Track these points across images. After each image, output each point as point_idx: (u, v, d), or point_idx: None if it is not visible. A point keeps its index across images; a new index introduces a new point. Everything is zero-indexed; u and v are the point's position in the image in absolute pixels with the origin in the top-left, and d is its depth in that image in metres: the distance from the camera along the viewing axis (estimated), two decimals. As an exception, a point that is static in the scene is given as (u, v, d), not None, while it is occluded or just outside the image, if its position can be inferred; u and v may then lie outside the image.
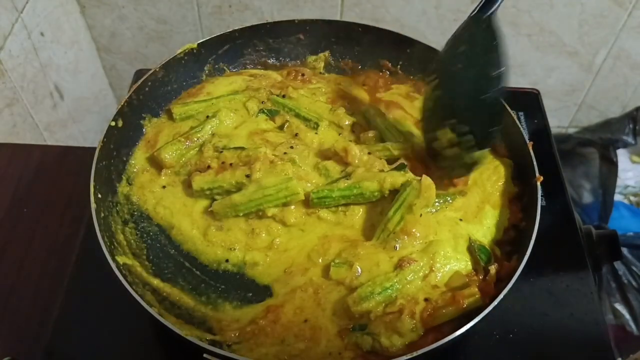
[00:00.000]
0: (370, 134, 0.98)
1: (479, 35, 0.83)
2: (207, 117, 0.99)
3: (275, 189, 0.86)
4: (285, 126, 1.00)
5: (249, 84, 1.08)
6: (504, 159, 0.96)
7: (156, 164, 0.95)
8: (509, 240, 0.88)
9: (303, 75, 1.11)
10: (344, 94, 1.08)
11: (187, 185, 0.92)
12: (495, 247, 0.86)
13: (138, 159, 0.97)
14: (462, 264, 0.83)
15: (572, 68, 1.74)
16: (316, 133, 0.98)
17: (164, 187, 0.93)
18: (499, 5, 0.83)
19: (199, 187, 0.89)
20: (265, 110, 1.02)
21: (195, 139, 0.96)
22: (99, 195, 0.84)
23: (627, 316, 1.58)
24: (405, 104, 1.06)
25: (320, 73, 1.14)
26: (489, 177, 0.93)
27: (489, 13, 0.83)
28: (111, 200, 0.89)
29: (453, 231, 0.86)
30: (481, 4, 0.84)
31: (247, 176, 0.87)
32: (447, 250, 0.83)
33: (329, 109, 1.04)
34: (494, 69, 0.80)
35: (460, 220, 0.88)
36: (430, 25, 1.62)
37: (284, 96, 1.04)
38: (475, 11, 0.84)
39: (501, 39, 0.80)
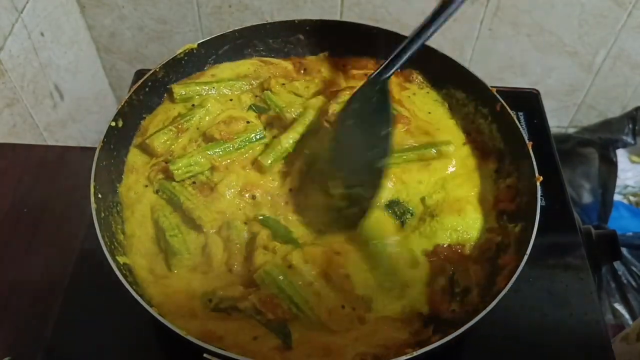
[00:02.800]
0: None
1: (373, 95, 0.92)
2: (193, 105, 1.00)
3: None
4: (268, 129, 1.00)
5: (256, 69, 1.08)
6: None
7: (147, 151, 0.96)
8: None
9: (305, 69, 1.11)
10: (331, 83, 1.08)
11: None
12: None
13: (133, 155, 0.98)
14: None
15: (572, 68, 1.75)
16: None
17: (146, 185, 0.93)
18: (394, 72, 0.94)
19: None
20: (254, 107, 1.02)
21: (185, 129, 0.97)
22: (99, 195, 0.84)
23: (627, 316, 1.58)
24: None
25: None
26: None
27: (385, 76, 0.92)
28: (111, 200, 0.89)
29: None
30: (380, 68, 0.93)
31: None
32: None
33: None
34: (383, 128, 0.87)
35: None
36: (430, 25, 1.62)
37: (270, 90, 1.04)
38: (374, 74, 0.93)
39: (391, 101, 0.92)
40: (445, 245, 0.86)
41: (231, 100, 1.03)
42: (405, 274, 0.84)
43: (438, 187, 0.93)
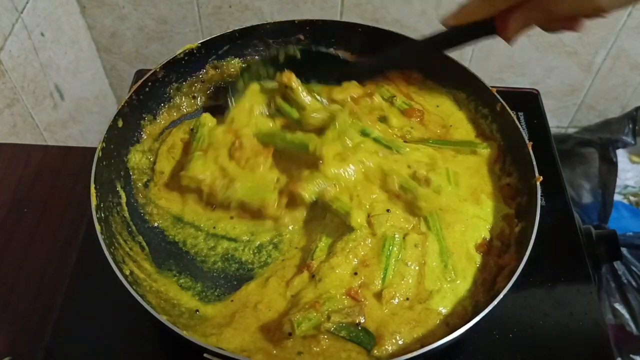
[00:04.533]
0: None
1: None
2: (192, 129, 0.99)
3: None
4: None
5: None
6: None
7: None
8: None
9: None
10: None
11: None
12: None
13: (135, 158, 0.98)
14: None
15: (572, 68, 1.75)
16: None
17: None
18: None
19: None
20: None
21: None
22: (99, 195, 0.84)
23: (627, 316, 1.58)
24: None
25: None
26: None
27: None
28: (111, 201, 0.89)
29: None
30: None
31: None
32: None
33: None
34: None
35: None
36: (430, 26, 1.61)
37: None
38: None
39: None
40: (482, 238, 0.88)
41: None
42: (464, 268, 0.85)
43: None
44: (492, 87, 0.99)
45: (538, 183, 0.85)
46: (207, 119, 0.97)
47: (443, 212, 0.88)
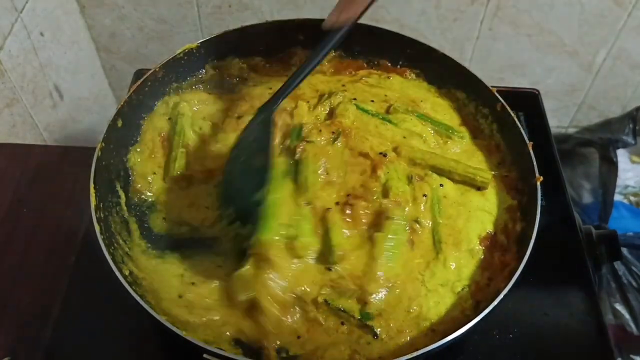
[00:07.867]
0: None
1: (256, 128, 0.85)
2: (169, 119, 0.99)
3: None
4: None
5: None
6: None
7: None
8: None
9: None
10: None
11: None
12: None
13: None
14: None
15: (572, 68, 1.74)
16: None
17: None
18: (279, 104, 0.87)
19: None
20: None
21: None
22: (99, 195, 0.84)
23: (627, 316, 1.57)
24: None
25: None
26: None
27: (271, 108, 0.86)
28: (111, 200, 0.89)
29: None
30: (268, 100, 0.87)
31: None
32: None
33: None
34: (263, 163, 0.80)
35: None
36: (430, 25, 1.62)
37: None
38: (262, 105, 0.87)
39: (273, 136, 0.83)
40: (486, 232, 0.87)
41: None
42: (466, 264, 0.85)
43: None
44: (492, 87, 0.99)
45: (538, 183, 0.85)
46: (186, 108, 0.96)
47: (447, 203, 0.89)
